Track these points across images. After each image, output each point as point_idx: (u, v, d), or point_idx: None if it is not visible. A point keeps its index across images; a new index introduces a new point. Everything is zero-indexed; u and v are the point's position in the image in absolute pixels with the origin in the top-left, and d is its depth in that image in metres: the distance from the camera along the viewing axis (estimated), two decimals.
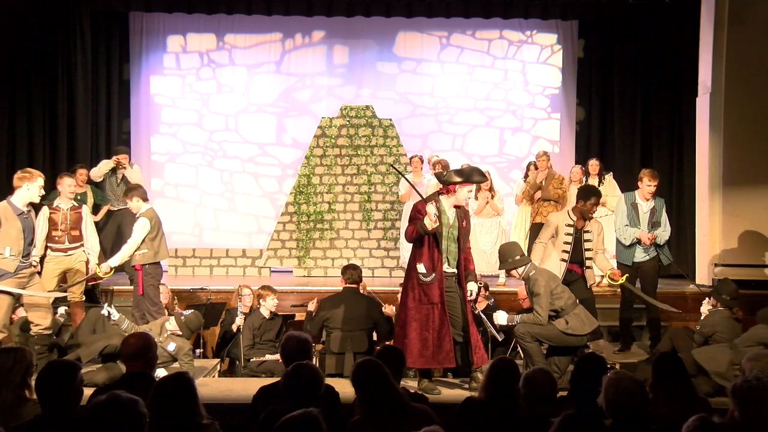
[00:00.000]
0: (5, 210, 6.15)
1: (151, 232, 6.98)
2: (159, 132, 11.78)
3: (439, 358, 5.70)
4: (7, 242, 6.08)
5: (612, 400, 3.35)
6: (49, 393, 3.45)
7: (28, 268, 6.24)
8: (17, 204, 6.18)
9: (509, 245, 6.36)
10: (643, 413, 3.37)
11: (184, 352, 6.35)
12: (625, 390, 3.34)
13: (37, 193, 6.24)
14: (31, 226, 6.26)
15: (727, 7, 8.82)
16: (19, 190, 6.19)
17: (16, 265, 6.10)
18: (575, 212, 6.90)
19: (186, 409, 3.26)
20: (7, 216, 6.11)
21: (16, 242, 6.11)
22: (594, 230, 6.88)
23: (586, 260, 6.84)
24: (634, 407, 3.34)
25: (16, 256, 6.11)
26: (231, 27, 11.76)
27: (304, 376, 3.60)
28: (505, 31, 11.90)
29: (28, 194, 6.20)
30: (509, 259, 6.09)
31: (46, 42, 10.70)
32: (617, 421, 3.36)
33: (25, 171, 6.36)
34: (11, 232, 6.09)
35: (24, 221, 6.17)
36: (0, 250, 6.05)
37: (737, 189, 8.78)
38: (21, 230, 6.13)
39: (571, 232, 6.81)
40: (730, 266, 8.64)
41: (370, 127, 10.90)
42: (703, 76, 9.14)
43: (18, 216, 6.14)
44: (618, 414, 3.36)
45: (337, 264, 10.14)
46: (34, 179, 6.21)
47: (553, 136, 11.89)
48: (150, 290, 6.99)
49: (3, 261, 6.06)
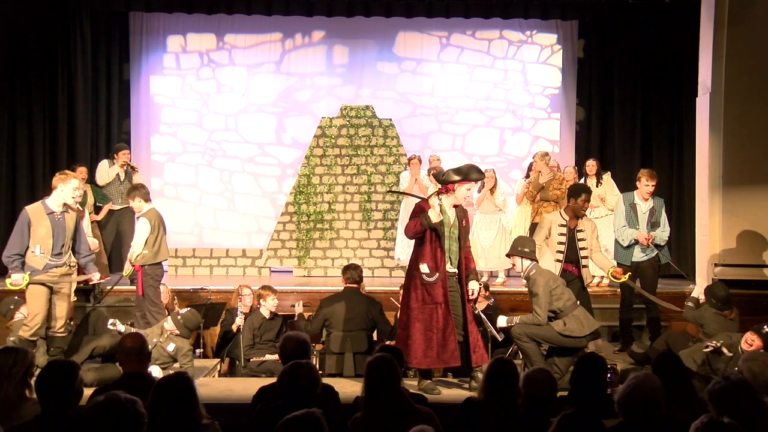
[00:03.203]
0: (37, 210, 6.31)
1: (151, 233, 6.98)
2: (159, 132, 11.78)
3: (444, 357, 5.71)
4: (37, 241, 6.25)
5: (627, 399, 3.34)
6: (48, 393, 3.46)
7: (59, 267, 6.35)
8: (50, 204, 6.32)
9: (526, 238, 6.50)
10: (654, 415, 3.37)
11: (183, 352, 6.35)
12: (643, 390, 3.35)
13: (71, 195, 6.36)
14: (63, 226, 6.35)
15: (727, 7, 8.80)
16: (55, 191, 6.36)
17: (45, 263, 6.26)
18: (567, 212, 6.92)
19: (186, 409, 3.26)
20: (36, 216, 6.27)
21: (45, 241, 6.26)
22: (587, 229, 6.88)
23: (581, 259, 6.84)
24: (648, 408, 3.34)
25: (45, 254, 6.26)
26: (231, 27, 11.75)
27: (300, 375, 3.60)
28: (505, 31, 11.89)
29: (61, 195, 6.33)
30: (519, 248, 6.13)
31: (46, 42, 10.68)
32: (628, 420, 3.36)
33: (62, 173, 6.55)
34: (40, 231, 6.25)
35: (54, 221, 6.29)
36: (31, 248, 6.24)
37: (737, 189, 8.76)
38: (50, 229, 6.26)
39: (564, 232, 6.82)
40: (730, 266, 8.63)
41: (370, 127, 10.90)
42: (703, 76, 9.13)
43: (48, 216, 6.27)
44: (630, 413, 3.35)
45: (337, 264, 10.15)
46: (68, 181, 6.36)
47: (553, 136, 11.89)
48: (150, 291, 6.99)
49: (33, 258, 6.25)
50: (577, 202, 6.82)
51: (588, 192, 6.99)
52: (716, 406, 3.25)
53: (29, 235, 6.24)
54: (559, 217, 6.92)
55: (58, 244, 6.32)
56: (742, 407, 3.23)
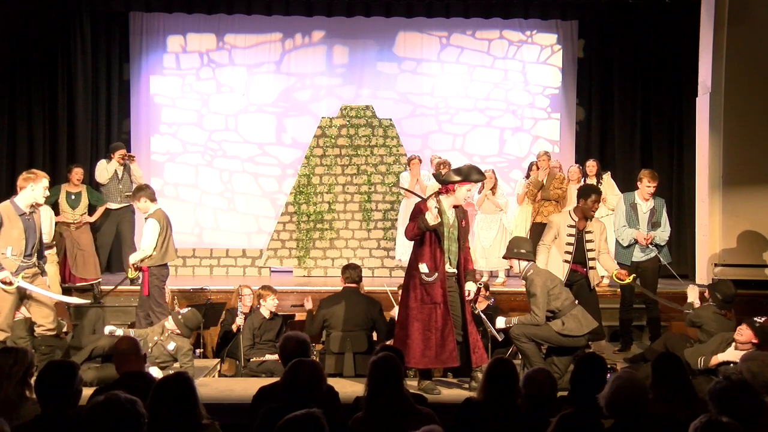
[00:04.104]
0: (7, 210, 6.13)
1: (160, 234, 6.95)
2: (159, 132, 11.78)
3: (443, 357, 5.70)
4: (8, 242, 6.07)
5: (613, 400, 3.36)
6: (48, 393, 3.46)
7: (30, 268, 6.22)
8: (20, 204, 6.15)
9: (522, 238, 6.44)
10: (644, 413, 3.38)
11: (183, 352, 6.35)
12: (628, 390, 3.35)
13: (42, 194, 6.22)
14: (34, 226, 6.22)
15: (727, 7, 8.80)
16: (24, 191, 6.18)
17: (17, 265, 6.10)
18: (577, 212, 6.90)
19: (186, 409, 3.26)
20: (9, 216, 6.10)
21: (17, 243, 6.09)
22: (596, 230, 6.87)
23: (589, 261, 6.84)
24: (635, 407, 3.35)
25: (18, 256, 6.10)
26: (231, 27, 11.75)
27: (304, 374, 3.59)
28: (505, 31, 11.89)
29: (32, 195, 6.17)
30: (515, 249, 6.10)
31: (46, 42, 10.69)
32: (618, 420, 3.37)
33: (30, 172, 6.35)
34: (13, 233, 6.08)
35: (26, 222, 6.15)
36: (2, 250, 6.05)
37: (737, 189, 8.76)
38: (23, 230, 6.10)
39: (573, 233, 6.80)
40: (730, 266, 8.63)
41: (370, 127, 10.90)
42: (703, 76, 9.13)
43: (20, 216, 6.12)
44: (619, 413, 3.36)
45: (337, 264, 10.14)
46: (38, 180, 6.19)
47: (553, 136, 11.89)
48: (155, 291, 6.98)
49: (5, 261, 6.06)
50: (587, 203, 6.80)
51: (598, 193, 6.95)
52: (717, 405, 3.25)
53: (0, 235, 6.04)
54: (569, 218, 6.90)
55: (29, 244, 6.17)
56: (743, 407, 3.24)
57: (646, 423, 3.42)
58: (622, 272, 6.91)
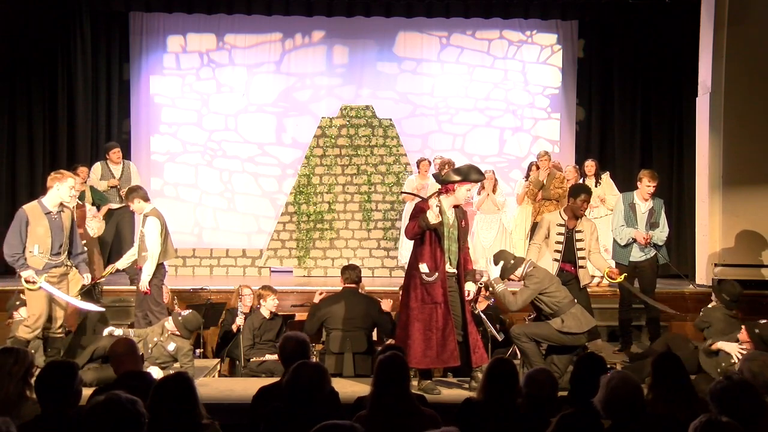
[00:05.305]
0: (34, 209, 6.27)
1: (161, 232, 6.96)
2: (159, 132, 11.78)
3: (444, 357, 5.71)
4: (35, 240, 6.21)
5: (608, 400, 3.36)
6: (48, 393, 3.46)
7: (58, 267, 6.33)
8: (47, 204, 6.28)
9: (499, 254, 6.31)
10: (641, 413, 3.38)
11: (184, 352, 6.35)
12: (622, 390, 3.35)
13: (68, 194, 6.34)
14: (60, 225, 6.33)
15: (727, 7, 8.81)
16: (51, 191, 6.31)
17: (44, 263, 6.23)
18: (566, 212, 6.92)
19: (186, 409, 3.26)
20: (34, 215, 6.23)
21: (43, 241, 6.23)
22: (587, 230, 6.88)
23: (579, 260, 6.84)
24: (631, 407, 3.35)
25: (44, 254, 6.23)
26: (231, 27, 11.75)
27: (302, 375, 3.58)
28: (505, 31, 11.89)
29: (58, 194, 6.29)
30: (507, 266, 6.09)
31: (46, 42, 10.69)
32: (615, 421, 3.37)
33: (57, 172, 6.49)
34: (39, 231, 6.22)
35: (52, 221, 6.26)
36: (29, 248, 6.20)
37: (737, 189, 8.77)
38: (48, 229, 6.23)
39: (562, 232, 6.82)
40: (729, 266, 8.64)
41: (370, 127, 10.90)
42: (703, 76, 9.14)
43: (46, 215, 6.24)
44: (615, 414, 3.36)
45: (337, 264, 10.14)
46: (64, 180, 6.31)
47: (553, 136, 11.90)
48: (154, 290, 6.97)
49: (32, 258, 6.21)
50: (576, 202, 6.81)
51: (588, 192, 6.97)
52: (717, 405, 3.25)
53: (27, 234, 6.20)
54: (558, 217, 6.93)
55: (56, 243, 6.28)
56: (743, 407, 3.24)
57: (645, 423, 3.42)
58: (614, 270, 6.92)
